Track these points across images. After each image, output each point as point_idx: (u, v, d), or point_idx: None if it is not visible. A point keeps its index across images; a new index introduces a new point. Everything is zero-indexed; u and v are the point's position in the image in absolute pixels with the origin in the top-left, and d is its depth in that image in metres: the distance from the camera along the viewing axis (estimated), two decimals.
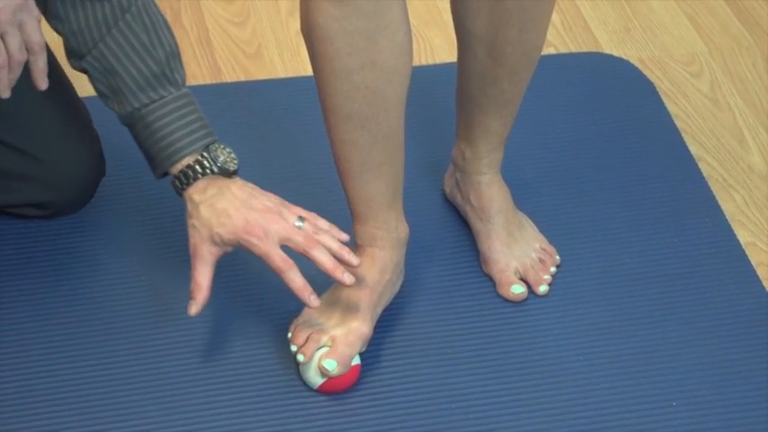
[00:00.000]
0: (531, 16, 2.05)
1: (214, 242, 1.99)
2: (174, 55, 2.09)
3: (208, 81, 2.65)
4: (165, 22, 2.10)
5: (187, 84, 2.53)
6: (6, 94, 1.93)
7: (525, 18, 2.05)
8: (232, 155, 2.04)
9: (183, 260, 2.07)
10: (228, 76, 2.67)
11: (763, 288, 2.25)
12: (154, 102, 2.05)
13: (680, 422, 2.05)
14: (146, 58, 2.05)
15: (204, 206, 2.00)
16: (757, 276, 2.27)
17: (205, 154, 2.03)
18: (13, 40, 1.89)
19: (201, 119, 2.06)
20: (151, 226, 2.30)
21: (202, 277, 2.00)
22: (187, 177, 2.02)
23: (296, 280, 1.97)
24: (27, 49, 1.92)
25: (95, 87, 2.08)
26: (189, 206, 2.01)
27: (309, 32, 1.94)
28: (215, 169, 2.01)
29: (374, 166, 2.05)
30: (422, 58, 2.70)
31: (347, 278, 1.99)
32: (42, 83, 1.97)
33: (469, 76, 2.16)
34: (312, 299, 1.98)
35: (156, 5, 2.10)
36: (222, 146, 2.04)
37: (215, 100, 2.58)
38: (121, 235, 2.32)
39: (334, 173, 2.09)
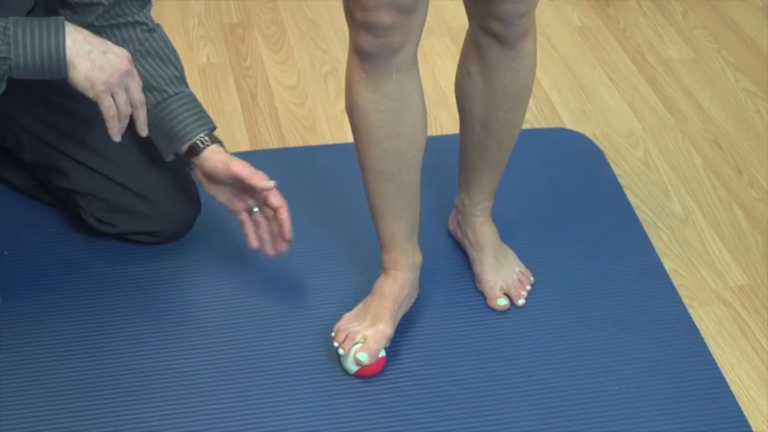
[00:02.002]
0: (515, 102, 2.05)
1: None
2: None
3: (276, 146, 2.63)
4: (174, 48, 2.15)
5: (260, 148, 2.60)
6: (117, 139, 1.96)
7: (510, 103, 2.05)
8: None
9: (254, 276, 2.08)
10: (291, 143, 2.65)
11: (683, 303, 2.22)
12: (177, 94, 2.07)
13: (621, 401, 2.02)
14: (169, 65, 2.07)
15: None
16: (678, 295, 2.24)
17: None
18: (121, 99, 1.92)
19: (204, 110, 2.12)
20: (233, 250, 2.28)
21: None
22: (203, 143, 2.06)
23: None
24: (132, 105, 1.95)
25: None
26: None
27: (351, 110, 1.94)
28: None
29: (397, 210, 2.04)
30: (432, 130, 2.67)
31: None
32: (143, 131, 2.00)
33: (468, 144, 2.15)
34: None
35: (168, 37, 2.14)
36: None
37: (281, 160, 2.57)
38: (211, 257, 2.30)
39: (368, 214, 2.08)
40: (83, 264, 2.28)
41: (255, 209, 2.08)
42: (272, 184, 2.02)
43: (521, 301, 2.21)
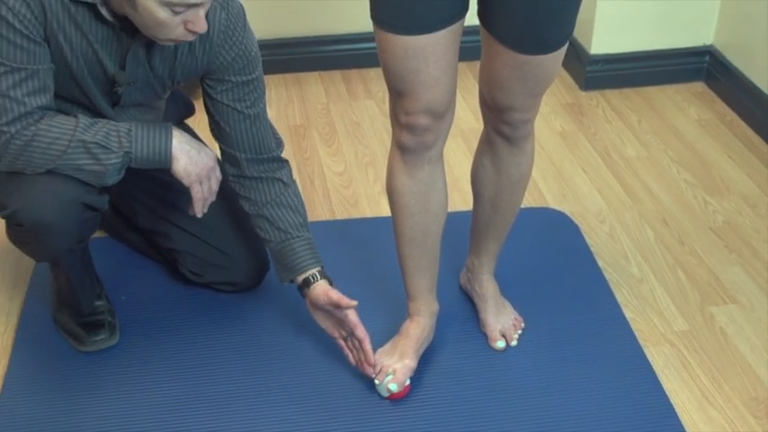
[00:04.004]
0: (516, 188, 2.06)
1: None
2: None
3: (327, 218, 2.63)
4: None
5: (315, 220, 2.58)
6: (200, 215, 1.98)
7: (513, 188, 2.05)
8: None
9: (310, 321, 2.06)
10: (339, 216, 2.64)
11: (639, 344, 2.19)
12: (299, 236, 2.05)
13: (591, 420, 2.00)
14: (296, 214, 2.06)
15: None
16: (635, 337, 2.21)
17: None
18: (206, 187, 1.94)
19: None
20: (294, 302, 2.21)
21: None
22: (315, 278, 2.02)
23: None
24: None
25: (260, 226, 2.06)
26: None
27: (391, 191, 1.94)
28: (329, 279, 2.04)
29: (422, 268, 2.03)
30: (449, 208, 2.66)
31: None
32: (201, 212, 1.98)
33: (479, 219, 2.14)
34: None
35: (299, 190, 2.11)
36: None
37: (331, 230, 2.56)
38: (277, 306, 2.28)
39: (396, 272, 2.08)
40: (180, 306, 2.28)
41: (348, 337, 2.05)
42: (354, 303, 1.97)
43: (514, 342, 2.18)
